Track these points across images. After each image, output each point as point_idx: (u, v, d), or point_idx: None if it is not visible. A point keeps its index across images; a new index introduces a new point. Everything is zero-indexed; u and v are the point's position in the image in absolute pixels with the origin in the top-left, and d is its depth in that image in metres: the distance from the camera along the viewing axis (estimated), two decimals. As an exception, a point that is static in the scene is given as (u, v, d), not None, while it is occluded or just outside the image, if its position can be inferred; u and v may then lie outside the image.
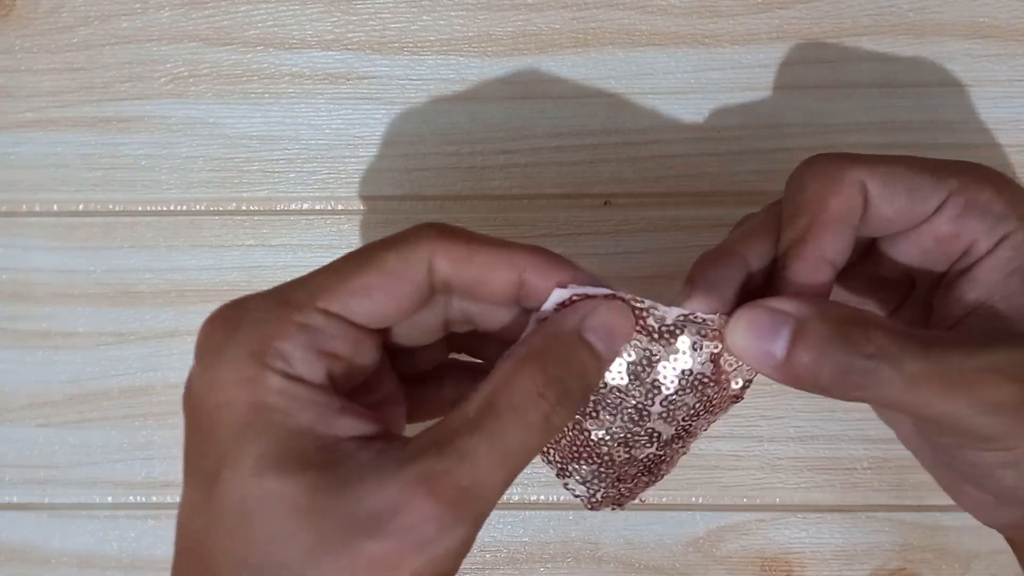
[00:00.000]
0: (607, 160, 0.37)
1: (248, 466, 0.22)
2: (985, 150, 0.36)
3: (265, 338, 0.23)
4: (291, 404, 0.22)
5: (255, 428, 0.22)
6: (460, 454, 0.21)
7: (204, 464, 0.23)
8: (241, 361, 0.22)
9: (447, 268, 0.24)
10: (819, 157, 0.26)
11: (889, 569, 0.36)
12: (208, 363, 0.23)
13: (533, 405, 0.22)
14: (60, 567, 0.38)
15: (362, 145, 0.37)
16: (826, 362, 0.23)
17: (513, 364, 0.23)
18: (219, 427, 0.22)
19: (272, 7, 0.38)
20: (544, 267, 0.24)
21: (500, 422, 0.22)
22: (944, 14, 0.37)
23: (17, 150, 0.38)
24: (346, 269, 0.24)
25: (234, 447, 0.22)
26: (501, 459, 0.22)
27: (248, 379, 0.22)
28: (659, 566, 0.37)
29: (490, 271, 0.24)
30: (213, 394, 0.23)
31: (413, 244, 0.24)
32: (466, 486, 0.21)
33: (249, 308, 0.23)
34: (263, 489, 0.21)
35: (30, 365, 0.38)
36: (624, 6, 0.37)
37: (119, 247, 0.38)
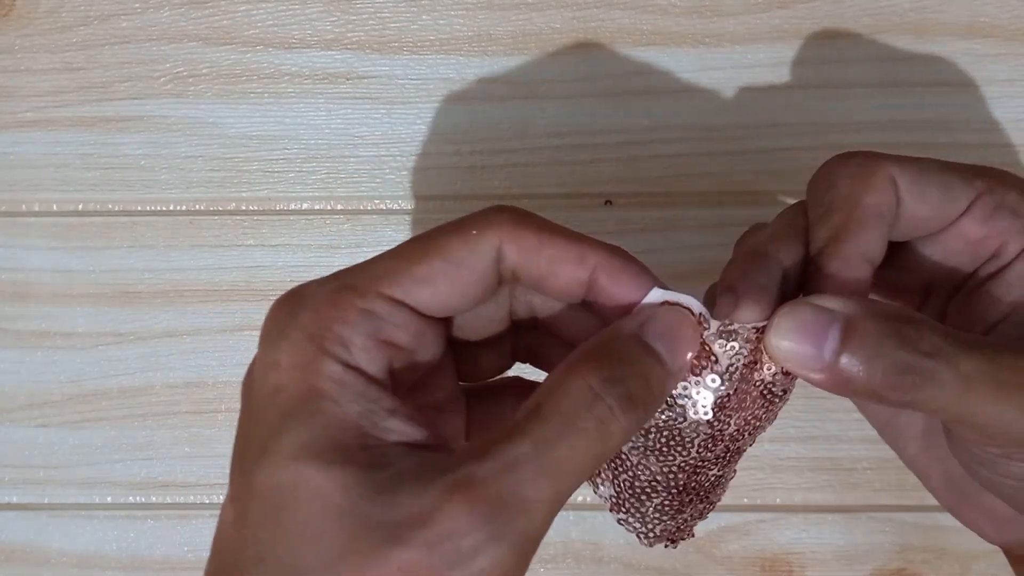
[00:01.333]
0: (607, 160, 0.37)
1: (288, 452, 0.20)
2: (985, 150, 0.36)
3: (325, 322, 0.21)
4: (343, 393, 0.21)
5: (301, 414, 0.21)
6: (502, 462, 0.19)
7: (248, 451, 0.21)
8: (299, 345, 0.21)
9: (515, 257, 0.22)
10: (848, 154, 0.25)
11: (889, 569, 0.36)
12: (267, 347, 0.22)
13: (586, 409, 0.20)
14: (60, 567, 0.38)
15: (362, 145, 0.37)
16: (881, 362, 0.21)
17: (564, 365, 0.21)
18: (269, 411, 0.21)
19: (272, 7, 0.38)
20: (615, 270, 0.23)
21: (547, 427, 0.20)
22: (944, 14, 0.37)
23: (17, 150, 0.38)
24: (410, 255, 0.22)
25: (277, 432, 0.21)
26: (548, 470, 0.20)
27: (304, 364, 0.21)
28: (660, 566, 0.37)
29: (559, 265, 0.23)
30: (269, 378, 0.21)
31: (482, 231, 0.22)
32: (506, 498, 0.19)
33: (309, 293, 0.22)
34: (299, 478, 0.20)
35: (29, 365, 0.38)
36: (624, 6, 0.37)
37: (118, 247, 0.38)
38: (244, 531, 0.21)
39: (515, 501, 0.19)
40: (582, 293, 0.23)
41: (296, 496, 0.20)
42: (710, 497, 0.26)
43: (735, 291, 0.23)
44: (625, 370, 0.21)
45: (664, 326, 0.22)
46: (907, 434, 0.29)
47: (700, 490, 0.25)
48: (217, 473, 0.37)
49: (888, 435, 0.30)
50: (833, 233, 0.24)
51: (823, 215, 0.24)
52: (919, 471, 0.29)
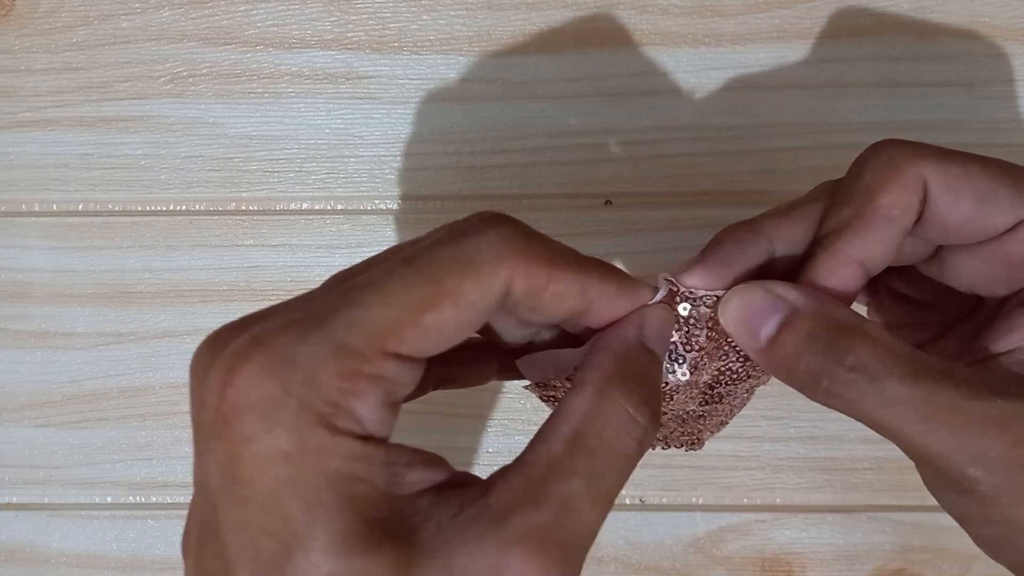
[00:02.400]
0: (607, 160, 0.37)
1: (325, 545, 0.18)
2: (985, 150, 0.36)
3: (331, 399, 0.19)
4: (367, 470, 0.19)
5: (329, 504, 0.18)
6: (559, 505, 0.19)
7: (265, 545, 0.19)
8: (305, 428, 0.18)
9: (521, 293, 0.21)
10: (887, 143, 0.23)
11: (890, 570, 0.36)
12: (258, 430, 0.18)
13: (627, 434, 0.20)
14: (60, 567, 0.38)
15: (362, 145, 0.37)
16: (802, 361, 0.22)
17: (594, 393, 0.20)
18: (284, 503, 0.18)
19: (272, 7, 0.38)
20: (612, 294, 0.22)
21: (597, 461, 0.20)
22: (944, 14, 0.37)
23: (17, 150, 0.38)
24: (415, 301, 0.19)
25: (306, 528, 0.18)
26: (601, 501, 0.20)
27: (317, 449, 0.18)
28: (659, 566, 0.37)
29: (560, 300, 0.21)
30: (272, 468, 0.18)
31: (495, 269, 0.20)
32: (572, 542, 0.19)
33: (301, 359, 0.19)
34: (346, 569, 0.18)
35: (29, 365, 0.38)
36: (624, 6, 0.37)
37: (118, 247, 0.38)
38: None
39: (577, 541, 0.19)
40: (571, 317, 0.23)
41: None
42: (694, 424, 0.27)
43: (700, 256, 0.24)
44: (649, 388, 0.21)
45: (656, 327, 0.22)
46: None
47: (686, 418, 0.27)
48: (217, 473, 0.37)
49: None
50: (836, 226, 0.23)
51: (839, 203, 0.23)
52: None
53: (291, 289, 0.37)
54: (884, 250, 0.23)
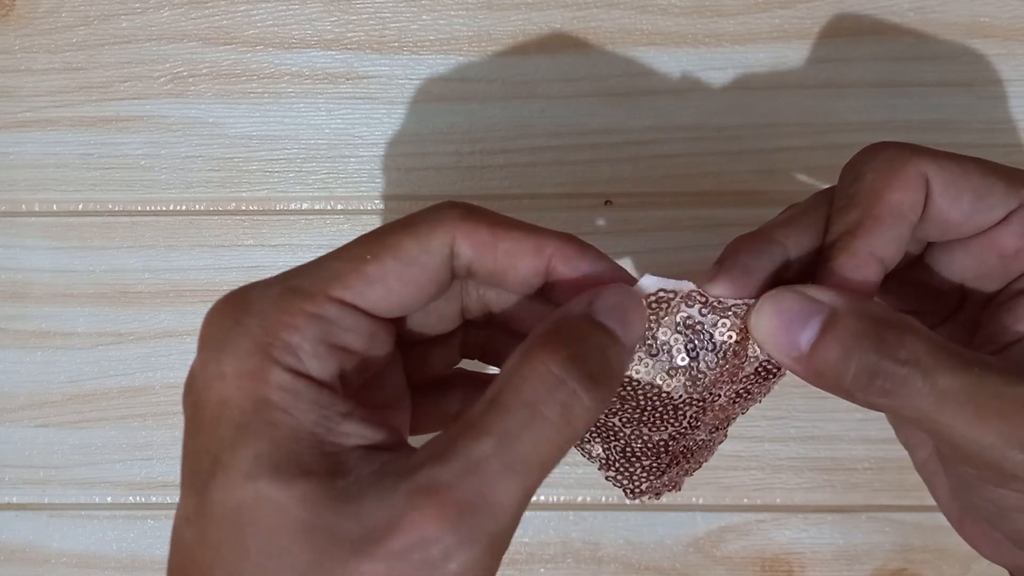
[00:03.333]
0: (607, 160, 0.37)
1: (244, 469, 0.19)
2: (985, 150, 0.36)
3: (272, 329, 0.20)
4: (295, 403, 0.20)
5: (253, 427, 0.20)
6: (466, 462, 0.19)
7: (200, 467, 0.20)
8: (245, 354, 0.20)
9: (469, 253, 0.22)
10: (882, 145, 0.24)
11: (890, 570, 0.36)
12: (209, 357, 0.21)
13: (548, 393, 0.19)
14: (60, 567, 0.38)
15: (362, 145, 0.37)
16: (853, 361, 0.21)
17: (519, 352, 0.20)
18: (217, 425, 0.20)
19: (272, 7, 0.38)
20: (573, 256, 0.22)
21: (510, 420, 0.19)
22: (944, 14, 0.37)
23: (17, 150, 0.38)
24: (358, 254, 0.22)
25: (230, 448, 0.20)
26: (515, 466, 0.19)
27: (250, 373, 0.20)
28: (659, 566, 0.37)
29: (515, 258, 0.22)
30: (213, 390, 0.20)
31: (433, 227, 0.22)
32: (474, 500, 0.19)
33: (254, 297, 0.21)
34: (259, 496, 0.19)
35: (29, 365, 0.38)
36: (624, 6, 0.37)
37: (118, 247, 0.38)
38: (207, 553, 0.20)
39: (483, 503, 0.19)
40: (539, 283, 0.23)
41: (257, 514, 0.19)
42: (696, 457, 0.26)
43: (721, 264, 0.23)
44: (583, 349, 0.20)
45: (611, 302, 0.22)
46: (919, 437, 0.28)
47: (687, 452, 0.26)
48: (217, 473, 0.37)
49: (902, 435, 0.29)
50: (848, 227, 0.23)
51: (843, 207, 0.23)
52: (927, 477, 0.28)
53: (291, 289, 0.37)
54: (898, 247, 0.23)
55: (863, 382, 0.21)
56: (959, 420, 0.21)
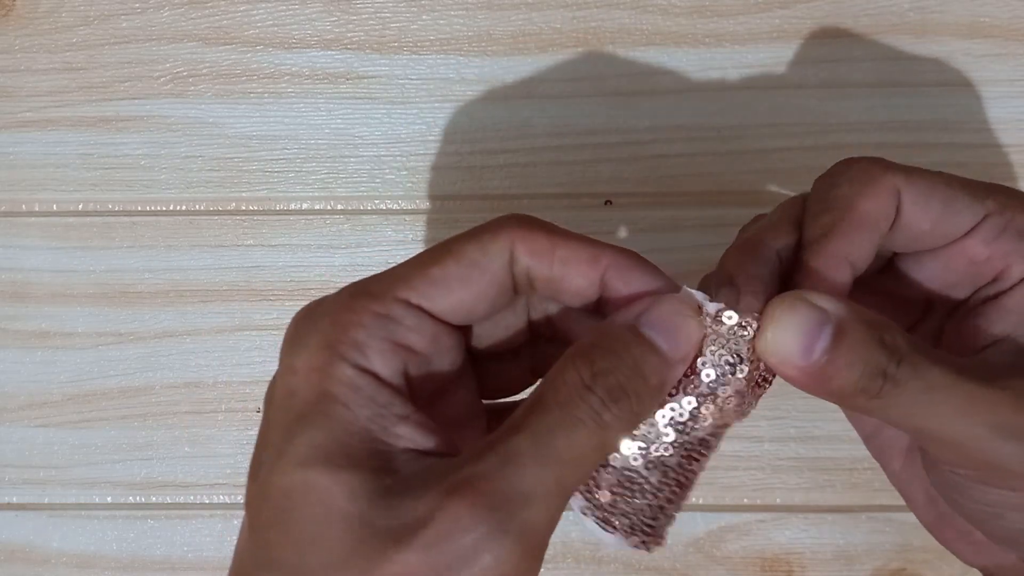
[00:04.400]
0: (607, 160, 0.37)
1: (299, 456, 0.20)
2: (985, 150, 0.36)
3: (340, 327, 0.22)
4: (354, 398, 0.21)
5: (312, 418, 0.21)
6: (502, 457, 0.19)
7: (263, 456, 0.21)
8: (314, 350, 0.21)
9: (527, 260, 0.22)
10: (856, 159, 0.24)
11: (890, 569, 0.36)
12: (286, 355, 0.22)
13: (580, 399, 0.20)
14: (60, 567, 0.38)
15: (362, 145, 0.37)
16: (862, 366, 0.21)
17: (560, 360, 0.21)
18: (284, 415, 0.21)
19: (272, 7, 0.38)
20: (627, 269, 0.23)
21: (545, 419, 0.20)
22: (944, 14, 0.37)
23: (17, 150, 0.38)
24: (424, 259, 0.23)
25: (290, 435, 0.21)
26: (548, 461, 0.20)
27: (318, 368, 0.21)
28: (659, 566, 0.37)
29: (571, 266, 0.23)
30: (285, 383, 0.22)
31: (493, 233, 0.22)
32: (506, 491, 0.19)
33: (327, 301, 0.22)
34: (307, 483, 0.20)
35: (29, 365, 0.38)
36: (624, 6, 0.37)
37: (118, 247, 0.38)
38: (255, 535, 0.21)
39: (516, 494, 0.19)
40: (595, 295, 0.23)
41: (304, 500, 0.20)
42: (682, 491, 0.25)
43: (735, 283, 0.23)
44: (615, 361, 0.21)
45: (660, 315, 0.22)
46: (892, 448, 0.28)
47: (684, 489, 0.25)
48: (217, 473, 0.37)
49: (873, 447, 0.29)
50: (823, 231, 0.23)
51: (818, 212, 0.24)
52: (901, 487, 0.29)
53: (291, 289, 0.37)
54: (868, 252, 0.23)
55: (868, 384, 0.21)
56: (948, 413, 0.21)
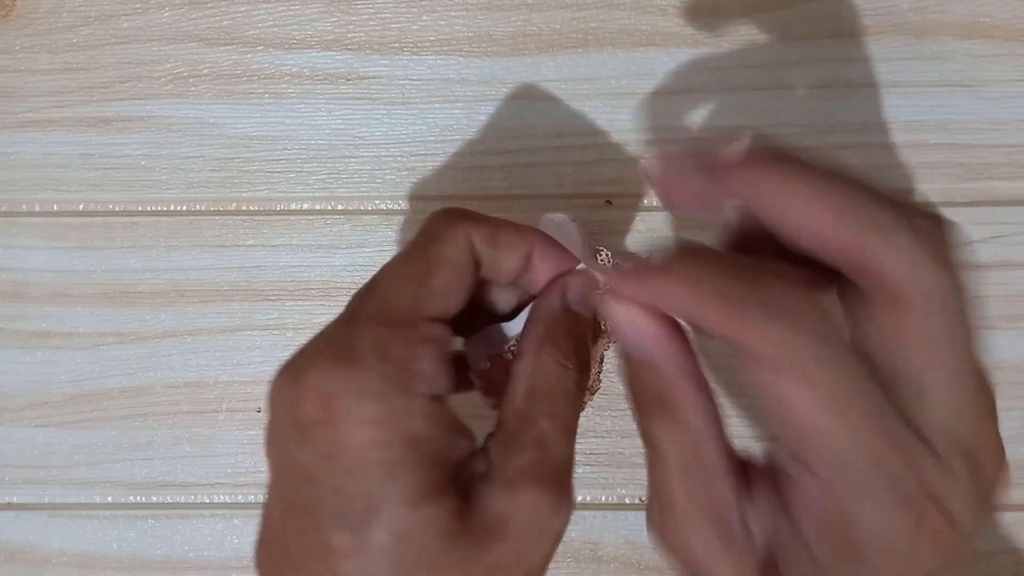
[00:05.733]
0: (607, 160, 0.37)
1: (403, 500, 0.22)
2: (985, 150, 0.37)
3: (402, 362, 0.23)
4: (437, 429, 0.23)
5: (409, 463, 0.22)
6: (536, 443, 0.24)
7: (353, 507, 0.22)
8: (387, 394, 0.22)
9: (480, 247, 0.26)
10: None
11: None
12: (342, 405, 0.22)
13: (565, 379, 0.25)
14: (60, 567, 0.38)
15: (362, 145, 0.37)
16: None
17: (533, 355, 0.25)
18: (369, 467, 0.22)
19: (272, 7, 0.38)
20: (544, 248, 0.27)
21: (552, 402, 0.24)
22: (944, 14, 0.37)
23: (17, 150, 0.38)
24: (419, 275, 0.24)
25: (387, 487, 0.22)
26: (566, 430, 0.24)
27: (399, 412, 0.22)
28: (659, 566, 0.37)
29: (510, 250, 0.26)
30: (356, 435, 0.22)
31: (453, 231, 0.25)
32: (556, 465, 0.24)
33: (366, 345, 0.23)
34: (420, 520, 0.22)
35: (30, 365, 0.38)
36: (624, 6, 0.37)
37: (119, 247, 0.38)
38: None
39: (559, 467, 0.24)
40: (521, 271, 0.27)
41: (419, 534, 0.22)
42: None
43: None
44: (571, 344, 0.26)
45: (579, 293, 0.27)
46: None
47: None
48: (217, 473, 0.37)
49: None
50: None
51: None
52: None
53: (291, 289, 0.37)
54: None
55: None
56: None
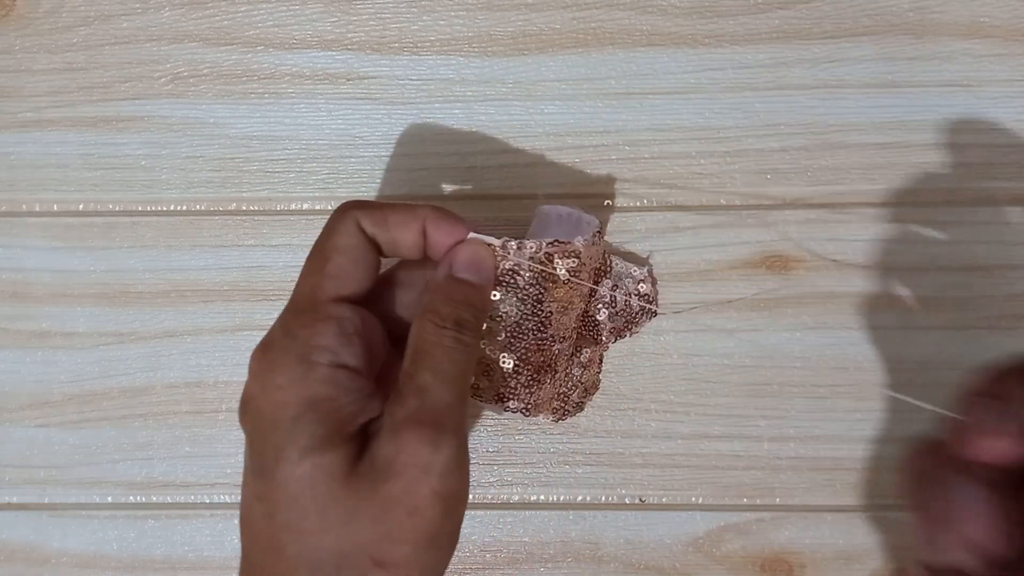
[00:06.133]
0: (607, 160, 0.37)
1: (299, 450, 0.26)
2: (985, 150, 0.37)
3: (304, 340, 0.27)
4: (337, 391, 0.27)
5: (305, 419, 0.26)
6: (416, 393, 0.27)
7: (265, 460, 0.27)
8: (291, 365, 0.27)
9: (371, 229, 0.29)
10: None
11: (889, 569, 0.36)
12: (263, 379, 0.27)
13: (442, 336, 0.28)
14: (60, 567, 0.38)
15: (362, 145, 0.37)
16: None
17: (416, 320, 0.29)
18: (277, 424, 0.26)
19: (272, 7, 0.38)
20: (438, 221, 0.30)
21: (430, 357, 0.28)
22: (944, 14, 0.37)
23: (17, 150, 0.38)
24: (318, 264, 0.29)
25: (288, 438, 0.26)
26: (448, 381, 0.28)
27: (300, 378, 0.27)
28: (659, 566, 0.37)
29: (401, 227, 0.29)
30: (271, 399, 0.27)
31: (344, 221, 0.29)
32: (434, 409, 0.27)
33: (275, 330, 0.28)
34: (313, 465, 0.26)
35: (30, 365, 0.38)
36: (624, 6, 0.37)
37: (119, 247, 0.38)
38: (275, 519, 0.26)
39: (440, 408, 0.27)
40: (421, 245, 0.30)
41: (312, 479, 0.26)
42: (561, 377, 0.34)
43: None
44: (452, 305, 0.29)
45: (464, 260, 0.30)
46: None
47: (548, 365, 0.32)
48: (217, 473, 0.37)
49: None
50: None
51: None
52: None
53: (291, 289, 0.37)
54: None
55: None
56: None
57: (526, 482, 0.37)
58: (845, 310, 0.36)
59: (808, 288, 0.37)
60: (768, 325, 0.37)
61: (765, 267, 0.37)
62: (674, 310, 0.37)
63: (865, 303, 0.36)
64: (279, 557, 0.26)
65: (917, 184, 0.37)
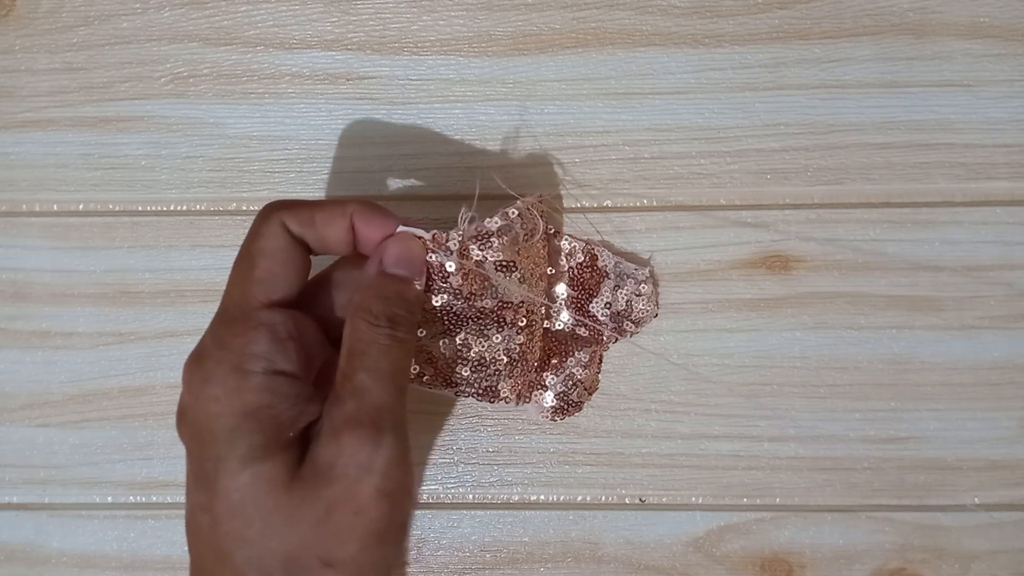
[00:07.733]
0: (607, 160, 0.37)
1: (239, 461, 0.26)
2: (985, 150, 0.37)
3: (237, 349, 0.27)
4: (273, 399, 0.27)
5: (243, 429, 0.26)
6: (353, 393, 0.27)
7: (206, 471, 0.27)
8: (225, 376, 0.27)
9: (298, 229, 0.29)
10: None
11: (889, 569, 0.36)
12: (197, 389, 0.27)
13: (376, 335, 0.28)
14: (60, 567, 0.38)
15: (362, 145, 0.37)
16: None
17: (350, 319, 0.29)
18: (215, 435, 0.27)
19: (272, 7, 0.38)
20: (367, 215, 0.30)
21: (366, 357, 0.28)
22: (944, 14, 0.37)
23: (17, 150, 0.38)
24: (244, 271, 0.28)
25: (228, 449, 0.26)
26: (384, 380, 0.28)
27: (235, 388, 0.27)
28: (659, 566, 0.37)
29: (329, 225, 0.29)
30: (207, 410, 0.27)
31: (268, 223, 0.29)
32: (372, 409, 0.27)
33: (209, 342, 0.28)
34: (254, 474, 0.26)
35: (30, 365, 0.38)
36: (624, 6, 0.37)
37: (119, 247, 0.38)
38: (220, 529, 0.26)
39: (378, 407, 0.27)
40: (351, 240, 0.30)
41: (253, 487, 0.26)
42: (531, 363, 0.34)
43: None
44: (383, 302, 0.29)
45: (394, 255, 0.30)
46: None
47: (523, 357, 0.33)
48: (217, 473, 0.37)
49: None
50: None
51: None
52: None
53: (291, 289, 0.37)
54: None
55: None
56: None
57: (526, 482, 0.37)
58: (845, 310, 0.37)
59: (808, 288, 0.37)
60: (768, 325, 0.37)
61: (765, 267, 0.37)
62: (674, 310, 0.37)
63: (865, 303, 0.37)
64: (227, 564, 0.26)
65: (917, 184, 0.37)
